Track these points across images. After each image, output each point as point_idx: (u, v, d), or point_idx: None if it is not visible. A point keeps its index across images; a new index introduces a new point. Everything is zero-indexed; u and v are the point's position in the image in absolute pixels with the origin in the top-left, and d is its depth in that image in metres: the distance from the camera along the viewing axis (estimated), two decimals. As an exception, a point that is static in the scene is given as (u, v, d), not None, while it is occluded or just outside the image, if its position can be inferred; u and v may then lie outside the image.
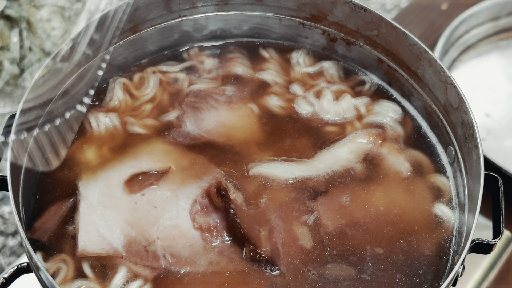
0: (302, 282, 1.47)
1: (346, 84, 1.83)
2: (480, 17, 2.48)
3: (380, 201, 1.60)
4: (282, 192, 1.59)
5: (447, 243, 1.57)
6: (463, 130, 1.61)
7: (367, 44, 1.80)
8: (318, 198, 1.57)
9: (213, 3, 1.82)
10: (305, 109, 1.75)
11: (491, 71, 2.48)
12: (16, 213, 1.41)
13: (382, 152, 1.68)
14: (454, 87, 1.62)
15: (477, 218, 1.45)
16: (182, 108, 1.74)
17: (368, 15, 1.73)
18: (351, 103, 1.72)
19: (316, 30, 1.85)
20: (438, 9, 2.66)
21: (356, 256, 1.52)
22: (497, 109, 2.38)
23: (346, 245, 1.53)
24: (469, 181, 1.59)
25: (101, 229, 1.54)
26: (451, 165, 1.69)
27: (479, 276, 2.03)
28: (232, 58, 1.86)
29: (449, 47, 2.41)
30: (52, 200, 1.59)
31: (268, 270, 1.46)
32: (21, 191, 1.53)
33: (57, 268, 1.50)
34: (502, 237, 1.57)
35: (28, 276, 1.52)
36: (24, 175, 1.55)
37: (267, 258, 1.46)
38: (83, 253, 1.51)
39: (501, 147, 2.29)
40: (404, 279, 1.51)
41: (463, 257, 1.43)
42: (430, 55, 1.66)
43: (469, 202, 1.57)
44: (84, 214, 1.56)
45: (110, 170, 1.63)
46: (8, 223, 2.38)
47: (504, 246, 2.08)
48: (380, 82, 1.84)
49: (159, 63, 1.85)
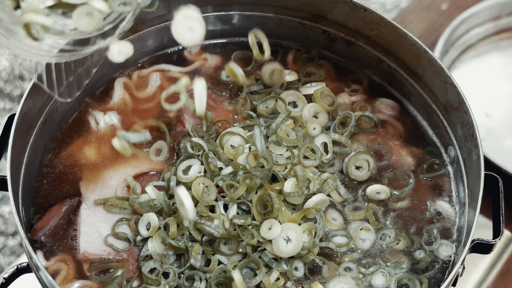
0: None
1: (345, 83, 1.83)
2: (480, 17, 2.48)
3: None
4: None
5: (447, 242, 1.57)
6: (463, 130, 1.61)
7: (367, 44, 1.80)
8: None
9: (213, 3, 1.82)
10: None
11: (491, 71, 2.48)
12: (16, 213, 1.41)
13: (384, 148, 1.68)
14: (454, 87, 1.62)
15: (477, 218, 1.45)
16: (182, 109, 1.74)
17: (368, 15, 1.73)
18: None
19: (316, 30, 1.84)
20: (438, 9, 2.66)
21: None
22: (497, 109, 2.38)
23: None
24: (469, 181, 1.60)
25: (102, 231, 1.54)
26: (451, 165, 1.69)
27: (479, 276, 2.03)
28: (231, 58, 1.86)
29: (449, 47, 2.41)
30: (53, 200, 1.59)
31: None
32: (21, 191, 1.53)
33: (57, 268, 1.50)
34: (502, 237, 1.57)
35: (28, 276, 1.52)
36: (24, 175, 1.56)
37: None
38: (85, 255, 1.51)
39: (501, 147, 2.29)
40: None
41: (463, 257, 1.43)
42: (430, 55, 1.66)
43: (469, 201, 1.57)
44: (85, 215, 1.56)
45: (111, 170, 1.63)
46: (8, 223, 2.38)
47: (504, 246, 2.08)
48: (380, 82, 1.84)
49: (159, 62, 1.85)
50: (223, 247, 1.46)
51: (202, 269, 1.46)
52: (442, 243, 1.56)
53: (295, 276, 1.48)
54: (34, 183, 1.62)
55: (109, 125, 1.71)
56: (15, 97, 2.65)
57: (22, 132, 1.54)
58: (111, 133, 1.70)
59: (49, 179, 1.63)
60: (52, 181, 1.63)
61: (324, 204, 1.56)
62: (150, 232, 1.49)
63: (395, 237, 1.55)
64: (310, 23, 1.84)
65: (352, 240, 1.54)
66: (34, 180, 1.62)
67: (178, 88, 1.42)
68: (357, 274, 1.50)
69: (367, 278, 1.49)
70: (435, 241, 1.56)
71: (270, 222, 1.46)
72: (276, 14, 1.84)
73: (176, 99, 1.43)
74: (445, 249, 1.56)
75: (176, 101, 1.43)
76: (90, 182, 1.61)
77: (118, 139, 1.40)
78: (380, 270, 1.51)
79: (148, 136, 1.44)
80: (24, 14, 1.25)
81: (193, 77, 1.82)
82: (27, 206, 1.57)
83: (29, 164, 1.58)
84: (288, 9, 1.83)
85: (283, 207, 1.49)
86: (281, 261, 1.48)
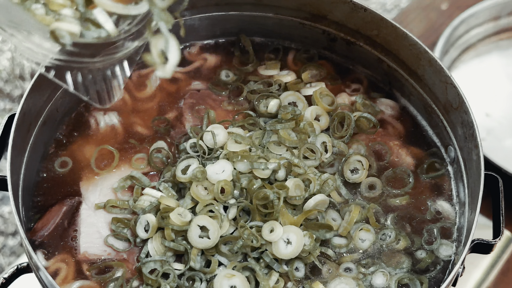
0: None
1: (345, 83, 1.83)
2: (480, 17, 2.48)
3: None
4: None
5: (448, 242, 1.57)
6: (463, 130, 1.61)
7: (367, 44, 1.80)
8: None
9: (213, 3, 1.82)
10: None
11: (491, 71, 2.48)
12: (16, 213, 1.40)
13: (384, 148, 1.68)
14: (454, 87, 1.62)
15: (477, 218, 1.45)
16: (182, 110, 1.74)
17: (368, 15, 1.73)
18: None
19: (316, 30, 1.84)
20: (438, 9, 2.66)
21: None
22: (497, 109, 2.38)
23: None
24: (469, 181, 1.59)
25: (103, 231, 1.54)
26: (451, 165, 1.69)
27: (479, 276, 2.03)
28: (231, 58, 1.86)
29: (449, 47, 2.41)
30: (53, 201, 1.59)
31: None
32: (21, 191, 1.53)
33: (57, 268, 1.50)
34: (502, 237, 1.57)
35: (28, 276, 1.52)
36: (24, 175, 1.56)
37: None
38: (85, 255, 1.51)
39: (501, 147, 2.28)
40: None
41: (463, 257, 1.43)
42: (430, 55, 1.66)
43: (469, 201, 1.57)
44: (85, 216, 1.56)
45: (111, 170, 1.63)
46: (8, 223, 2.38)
47: (504, 246, 2.08)
48: (380, 82, 1.84)
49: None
50: (223, 248, 1.46)
51: (202, 270, 1.46)
52: (442, 243, 1.56)
53: (296, 276, 1.48)
54: (34, 183, 1.62)
55: (109, 125, 1.71)
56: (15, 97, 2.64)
57: (22, 132, 1.54)
58: (111, 133, 1.70)
59: (49, 179, 1.63)
60: (52, 181, 1.63)
61: (324, 204, 1.56)
62: (149, 233, 1.49)
63: (395, 237, 1.55)
64: (310, 23, 1.84)
65: (352, 241, 1.54)
66: (34, 180, 1.62)
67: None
68: (357, 274, 1.50)
69: (367, 278, 1.49)
70: (435, 241, 1.56)
71: (271, 224, 1.46)
72: (276, 14, 1.84)
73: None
74: (445, 249, 1.56)
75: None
76: (90, 182, 1.61)
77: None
78: (380, 270, 1.51)
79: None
80: (52, 23, 1.25)
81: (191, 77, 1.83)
82: (27, 206, 1.57)
83: (29, 164, 1.58)
84: (288, 9, 1.83)
85: (284, 209, 1.49)
86: (281, 262, 1.48)
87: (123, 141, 1.69)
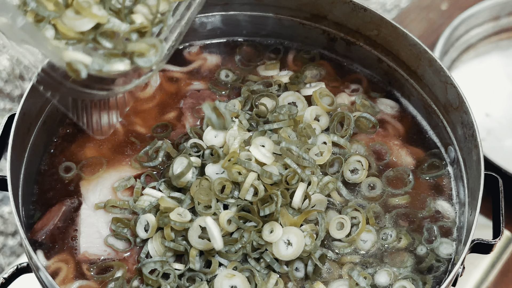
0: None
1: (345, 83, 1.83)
2: (480, 17, 2.48)
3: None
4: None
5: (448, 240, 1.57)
6: (463, 130, 1.61)
7: (367, 44, 1.80)
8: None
9: (213, 3, 1.82)
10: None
11: (491, 71, 2.48)
12: (16, 213, 1.41)
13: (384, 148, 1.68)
14: (454, 87, 1.62)
15: (477, 218, 1.45)
16: (182, 110, 1.74)
17: (368, 15, 1.73)
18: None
19: (316, 30, 1.85)
20: (438, 9, 2.66)
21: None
22: (497, 109, 2.38)
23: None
24: (469, 181, 1.60)
25: (103, 231, 1.54)
26: (451, 165, 1.69)
27: (479, 276, 2.03)
28: (231, 58, 1.86)
29: (449, 47, 2.41)
30: (53, 201, 1.59)
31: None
32: (21, 191, 1.53)
33: (57, 268, 1.50)
34: (502, 237, 1.57)
35: (28, 276, 1.52)
36: (24, 175, 1.56)
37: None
38: (85, 255, 1.51)
39: (501, 147, 2.29)
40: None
41: (463, 257, 1.43)
42: (430, 55, 1.66)
43: (469, 201, 1.57)
44: (85, 216, 1.56)
45: (111, 170, 1.63)
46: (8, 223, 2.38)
47: (504, 246, 2.08)
48: (380, 82, 1.84)
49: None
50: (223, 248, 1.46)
51: (202, 270, 1.46)
52: (442, 241, 1.56)
53: (296, 276, 1.48)
54: (34, 183, 1.62)
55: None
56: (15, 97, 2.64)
57: (22, 132, 1.54)
58: (111, 133, 1.70)
59: (49, 179, 1.63)
60: (52, 181, 1.63)
61: (322, 203, 1.55)
62: (149, 233, 1.49)
63: (396, 235, 1.55)
64: (310, 23, 1.84)
65: (354, 242, 1.54)
66: (34, 180, 1.62)
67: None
68: (358, 274, 1.49)
69: (369, 278, 1.49)
70: (435, 239, 1.56)
71: (271, 225, 1.46)
72: (276, 14, 1.84)
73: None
74: (446, 247, 1.56)
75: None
76: (90, 182, 1.61)
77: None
78: (384, 269, 1.50)
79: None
80: (64, 51, 1.25)
81: (191, 77, 1.83)
82: (27, 206, 1.57)
83: (29, 164, 1.58)
84: (288, 9, 1.83)
85: (284, 209, 1.49)
86: (282, 262, 1.48)
87: (123, 141, 1.69)
